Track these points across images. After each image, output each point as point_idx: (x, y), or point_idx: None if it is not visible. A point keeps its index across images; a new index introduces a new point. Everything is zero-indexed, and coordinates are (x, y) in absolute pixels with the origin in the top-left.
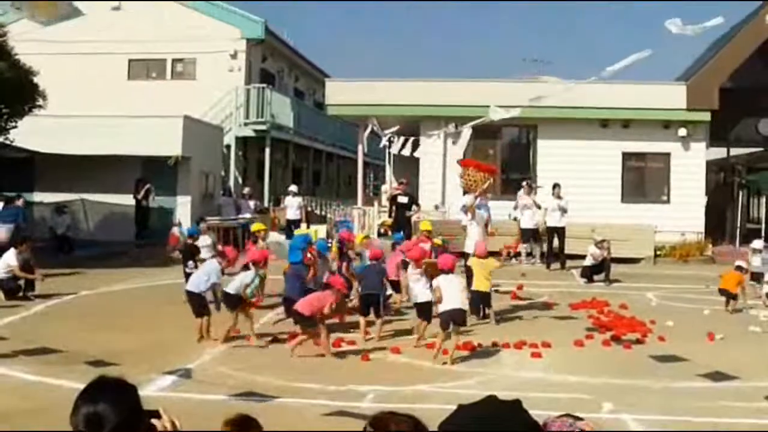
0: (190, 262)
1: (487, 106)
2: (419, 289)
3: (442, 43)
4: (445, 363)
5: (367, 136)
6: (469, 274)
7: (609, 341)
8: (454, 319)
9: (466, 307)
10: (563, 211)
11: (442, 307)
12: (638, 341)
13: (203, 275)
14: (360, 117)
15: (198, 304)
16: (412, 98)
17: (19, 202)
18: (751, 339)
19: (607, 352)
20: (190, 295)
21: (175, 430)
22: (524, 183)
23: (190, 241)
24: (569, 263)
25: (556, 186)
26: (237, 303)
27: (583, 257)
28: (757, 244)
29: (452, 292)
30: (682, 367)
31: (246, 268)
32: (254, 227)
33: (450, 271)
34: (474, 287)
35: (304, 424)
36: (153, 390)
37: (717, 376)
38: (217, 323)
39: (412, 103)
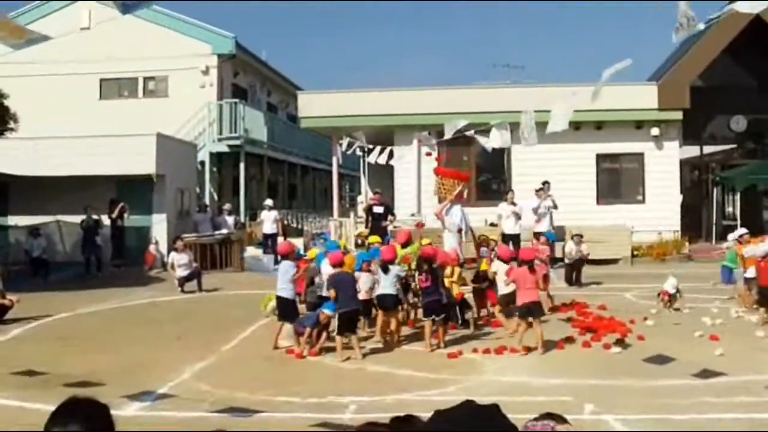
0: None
1: (462, 114)
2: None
3: (413, 52)
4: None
5: (345, 150)
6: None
7: (589, 342)
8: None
9: None
10: (517, 217)
11: None
12: (618, 341)
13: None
14: (333, 129)
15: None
16: (384, 108)
17: None
18: (732, 334)
19: (588, 353)
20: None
21: None
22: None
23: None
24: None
25: (509, 191)
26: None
27: (560, 260)
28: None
29: None
30: (664, 365)
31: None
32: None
33: None
34: None
35: None
36: (134, 410)
37: (699, 373)
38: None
39: (384, 112)
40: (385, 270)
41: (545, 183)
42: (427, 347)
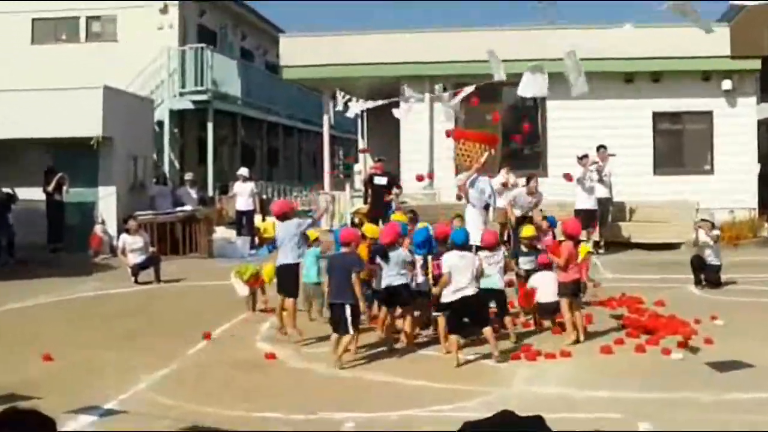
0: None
1: (485, 61)
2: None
3: None
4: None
5: (343, 111)
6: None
7: (644, 346)
8: None
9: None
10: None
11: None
12: (681, 345)
13: None
14: (324, 81)
15: None
16: (388, 55)
17: None
18: None
19: (641, 359)
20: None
21: None
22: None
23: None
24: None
25: (531, 178)
26: None
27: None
28: None
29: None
30: (738, 374)
31: None
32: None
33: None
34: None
35: None
36: (75, 427)
37: None
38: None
39: (388, 61)
40: (385, 256)
41: (600, 148)
42: (444, 350)
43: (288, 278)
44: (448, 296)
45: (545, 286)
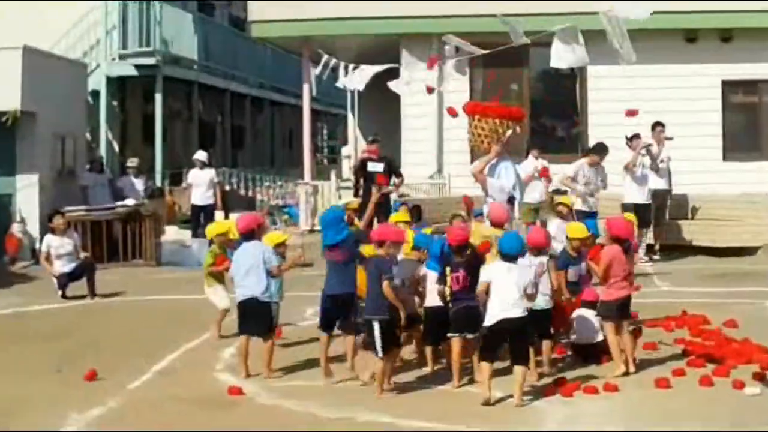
0: None
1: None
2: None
3: None
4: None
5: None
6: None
7: (710, 378)
8: None
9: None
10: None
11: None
12: (757, 376)
13: None
14: (304, 40)
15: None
16: (384, 7)
17: None
18: None
19: (707, 394)
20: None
21: None
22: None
23: None
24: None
25: (601, 149)
26: None
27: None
28: None
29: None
30: None
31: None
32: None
33: None
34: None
35: None
36: None
37: None
38: None
39: (384, 14)
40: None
41: (657, 126)
42: (455, 382)
43: (260, 314)
44: (487, 318)
45: (582, 326)
